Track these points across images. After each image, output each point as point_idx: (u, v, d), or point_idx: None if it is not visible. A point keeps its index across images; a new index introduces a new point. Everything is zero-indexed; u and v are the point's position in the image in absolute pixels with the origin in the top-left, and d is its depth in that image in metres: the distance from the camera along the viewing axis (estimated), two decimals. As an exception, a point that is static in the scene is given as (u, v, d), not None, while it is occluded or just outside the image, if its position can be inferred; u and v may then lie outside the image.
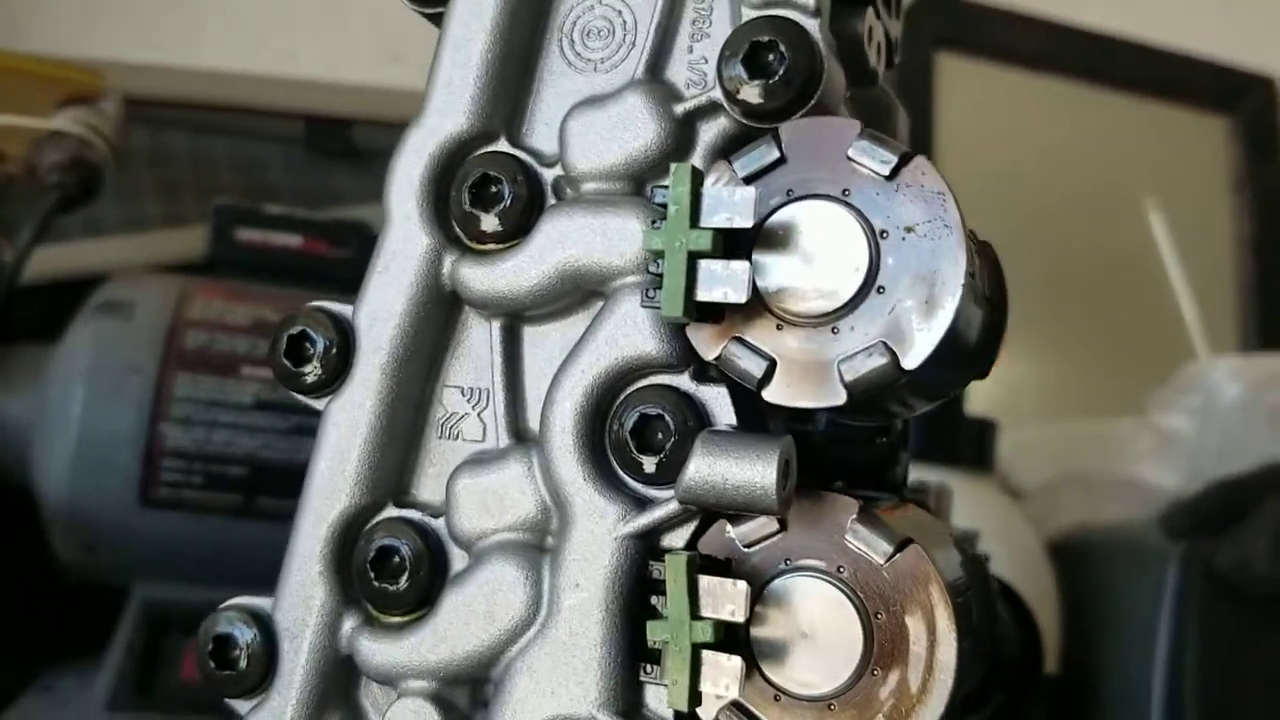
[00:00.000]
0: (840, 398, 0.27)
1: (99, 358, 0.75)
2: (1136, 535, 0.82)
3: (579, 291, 0.31)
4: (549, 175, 0.32)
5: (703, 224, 0.28)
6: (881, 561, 0.28)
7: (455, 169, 0.32)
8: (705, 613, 0.28)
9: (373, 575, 0.31)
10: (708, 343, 0.29)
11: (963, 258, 0.27)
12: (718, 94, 0.30)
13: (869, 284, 0.28)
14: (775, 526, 0.29)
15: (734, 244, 0.28)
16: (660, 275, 0.28)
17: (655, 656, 0.29)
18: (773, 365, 0.28)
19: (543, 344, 0.32)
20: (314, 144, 1.02)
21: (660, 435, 0.29)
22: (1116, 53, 1.19)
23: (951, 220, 0.27)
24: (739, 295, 0.27)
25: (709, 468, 0.27)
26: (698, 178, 0.28)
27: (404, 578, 0.31)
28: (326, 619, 0.32)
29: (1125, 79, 1.20)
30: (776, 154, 0.29)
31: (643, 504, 0.30)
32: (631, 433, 0.29)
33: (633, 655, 0.29)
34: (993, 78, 1.16)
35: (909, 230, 0.27)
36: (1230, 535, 0.75)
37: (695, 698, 0.27)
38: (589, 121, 0.31)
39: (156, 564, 0.76)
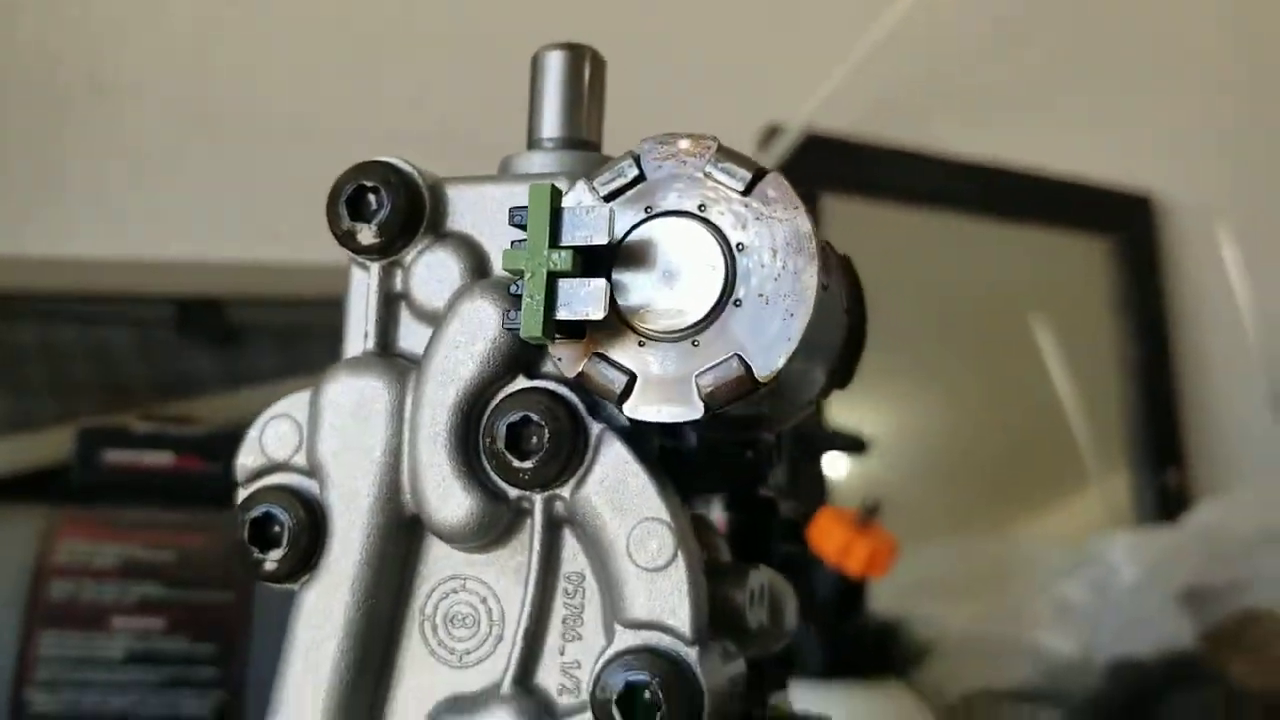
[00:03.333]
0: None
1: (-45, 621, 0.71)
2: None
3: None
4: None
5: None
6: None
7: None
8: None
9: None
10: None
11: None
12: (590, 718, 0.28)
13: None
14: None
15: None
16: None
17: None
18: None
19: None
20: (185, 327, 0.98)
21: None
22: (999, 183, 1.20)
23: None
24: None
25: None
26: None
27: None
28: None
29: (1008, 207, 1.21)
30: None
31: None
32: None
33: None
34: (878, 216, 1.16)
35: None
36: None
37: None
38: None
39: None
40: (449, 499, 0.30)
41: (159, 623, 0.74)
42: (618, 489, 0.29)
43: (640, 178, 0.29)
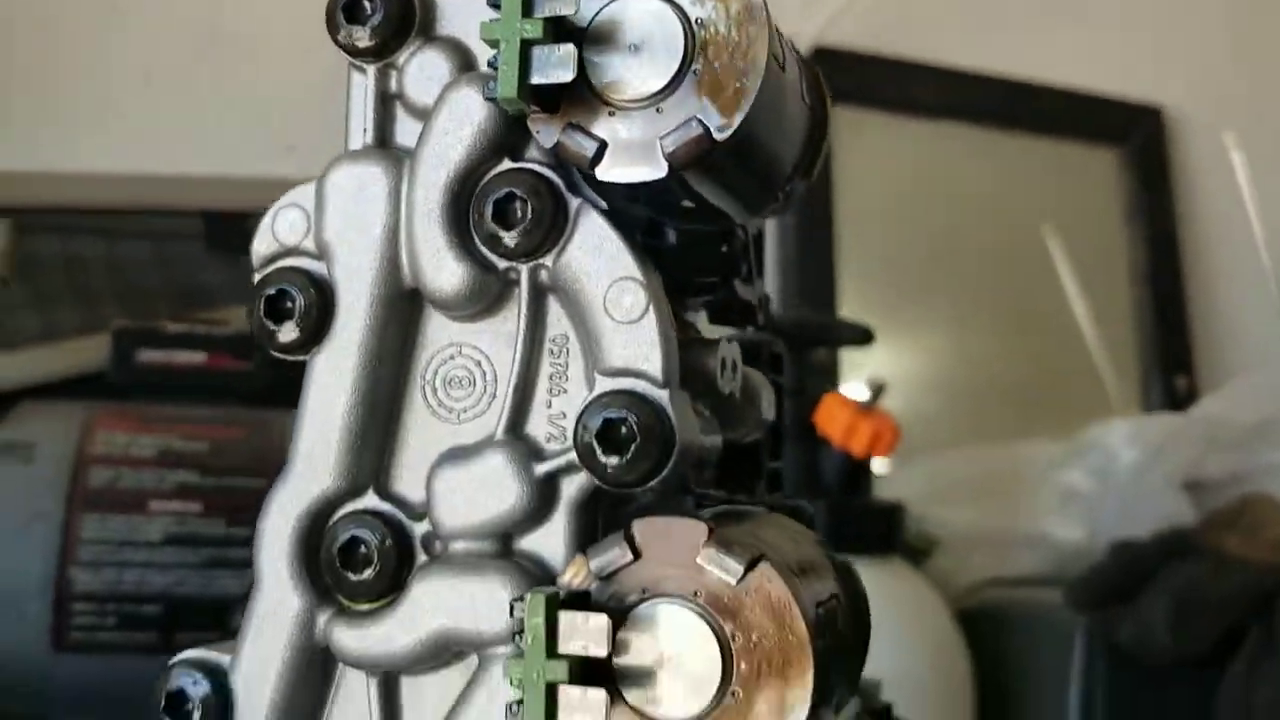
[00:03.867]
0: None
1: (2, 505, 0.75)
2: (1044, 607, 0.84)
3: (450, 652, 0.32)
4: (418, 530, 0.33)
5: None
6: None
7: (324, 527, 0.33)
8: (564, 649, 0.29)
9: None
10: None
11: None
12: (575, 457, 0.31)
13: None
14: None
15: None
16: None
17: None
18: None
19: (421, 696, 0.33)
20: (210, 240, 1.01)
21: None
22: (1009, 94, 1.21)
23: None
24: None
25: None
26: None
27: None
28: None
29: (1019, 119, 1.22)
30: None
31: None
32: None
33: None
34: (890, 127, 1.18)
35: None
36: (1130, 608, 0.78)
37: None
38: (454, 481, 0.32)
39: (74, 707, 0.76)
40: (443, 269, 0.33)
41: (196, 507, 0.78)
42: (595, 253, 0.32)
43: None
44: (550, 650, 0.29)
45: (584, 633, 0.29)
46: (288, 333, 0.34)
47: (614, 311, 0.32)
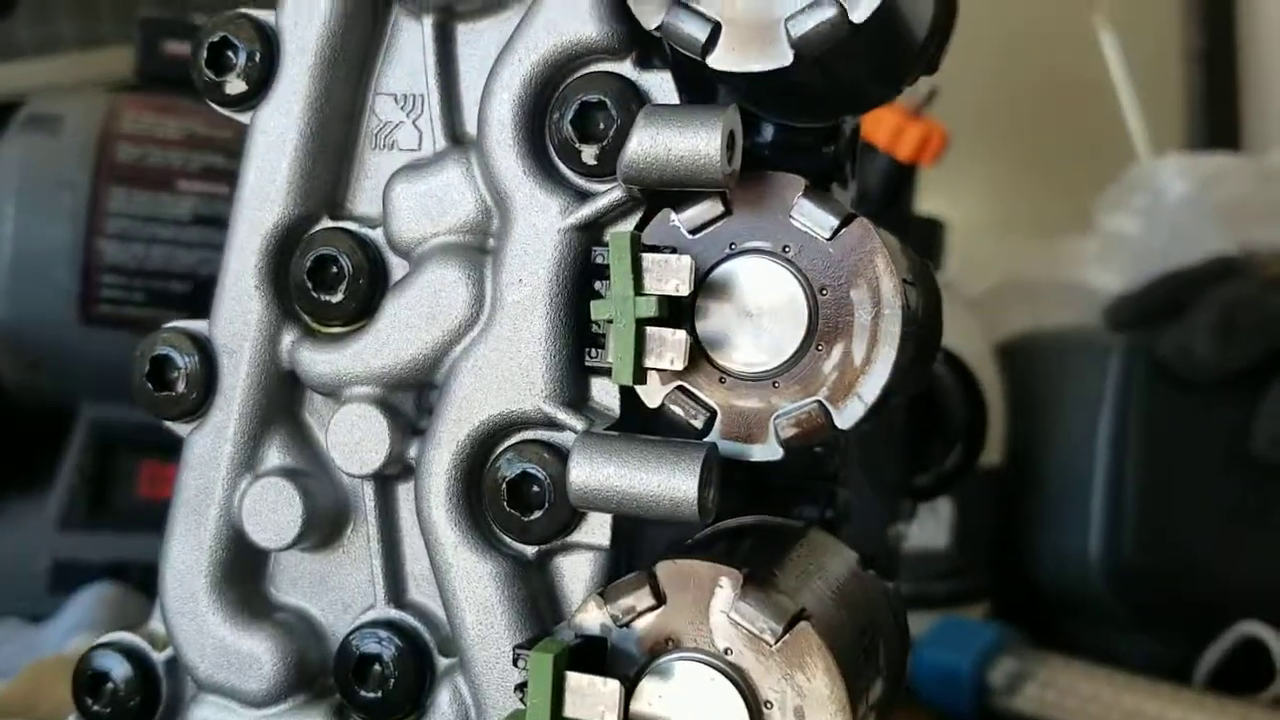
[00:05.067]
0: (787, 57, 0.26)
1: (29, 175, 0.73)
2: (1082, 334, 0.83)
3: None
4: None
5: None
6: (828, 236, 0.28)
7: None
8: (649, 289, 0.27)
9: (310, 286, 0.31)
10: (651, 9, 0.28)
11: None
12: None
13: None
14: (720, 210, 0.28)
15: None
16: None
17: (600, 341, 0.29)
18: (718, 27, 0.27)
19: (478, 42, 0.31)
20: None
21: (602, 124, 0.29)
22: None
23: None
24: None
25: (651, 140, 0.27)
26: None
27: (342, 288, 0.30)
28: (265, 333, 0.31)
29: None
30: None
31: (585, 197, 0.29)
32: (573, 122, 0.29)
33: (578, 347, 0.29)
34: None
35: None
36: (1173, 324, 0.76)
37: (640, 373, 0.27)
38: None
39: (102, 383, 0.75)
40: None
41: (223, 189, 0.76)
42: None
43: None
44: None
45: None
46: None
47: None
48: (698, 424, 0.28)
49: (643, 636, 0.27)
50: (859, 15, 0.26)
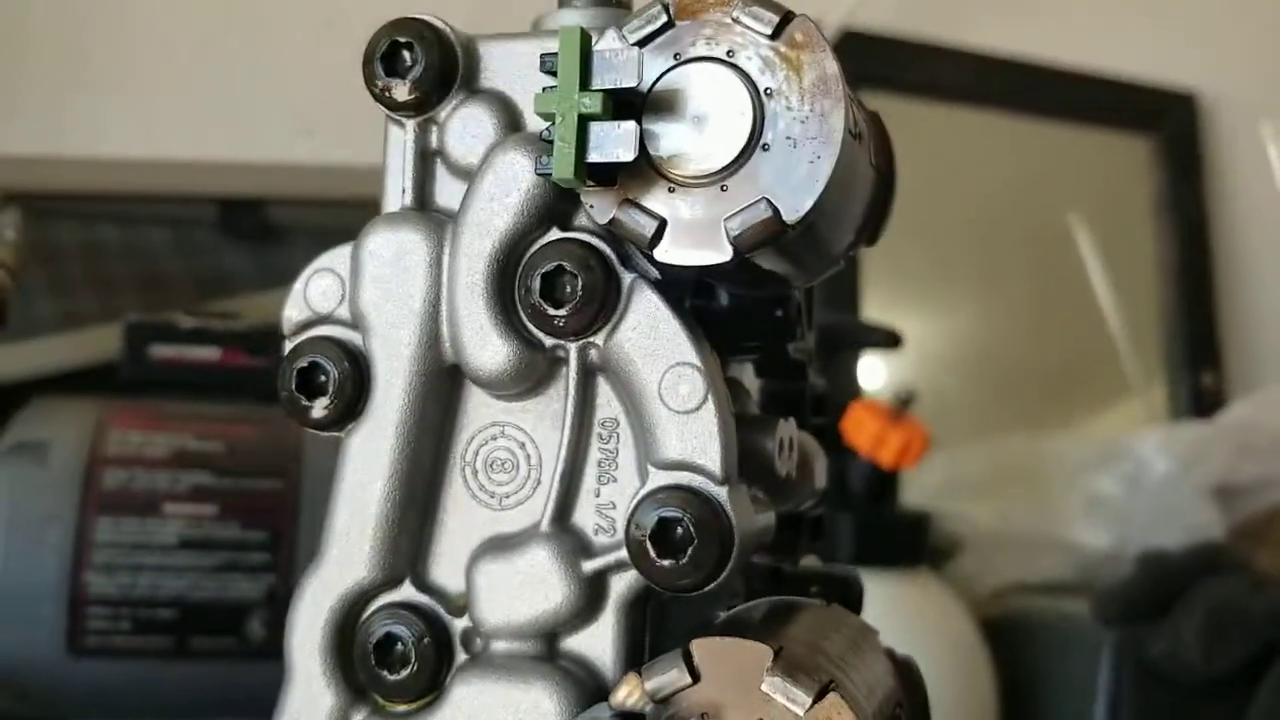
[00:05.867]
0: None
1: (17, 509, 0.73)
2: (1071, 618, 0.83)
3: None
4: (458, 626, 0.31)
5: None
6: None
7: (357, 620, 0.31)
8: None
9: None
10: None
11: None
12: (625, 554, 0.29)
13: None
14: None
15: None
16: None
17: None
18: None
19: None
20: (226, 226, 0.99)
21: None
22: (1038, 80, 1.18)
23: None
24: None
25: None
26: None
27: None
28: None
29: (1048, 105, 1.20)
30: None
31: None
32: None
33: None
34: (916, 114, 1.15)
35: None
36: (1161, 624, 0.76)
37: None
38: (496, 575, 0.31)
39: (90, 711, 0.75)
40: (486, 346, 0.31)
41: (211, 509, 0.76)
42: (650, 335, 0.30)
43: (669, 24, 0.29)
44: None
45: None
46: (320, 409, 0.32)
47: (669, 399, 0.30)
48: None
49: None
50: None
